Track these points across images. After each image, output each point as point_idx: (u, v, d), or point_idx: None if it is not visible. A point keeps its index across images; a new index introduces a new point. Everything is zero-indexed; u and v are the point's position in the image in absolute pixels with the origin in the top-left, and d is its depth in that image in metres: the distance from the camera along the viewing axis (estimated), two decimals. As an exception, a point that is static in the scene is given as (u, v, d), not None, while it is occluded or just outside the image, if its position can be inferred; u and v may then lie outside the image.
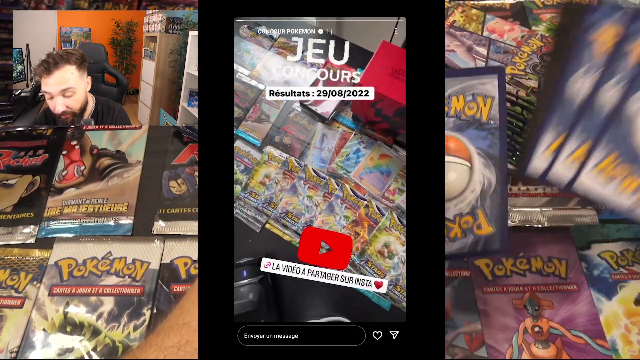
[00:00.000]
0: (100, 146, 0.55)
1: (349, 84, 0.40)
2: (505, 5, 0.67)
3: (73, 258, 0.47)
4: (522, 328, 0.42)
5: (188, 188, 0.51)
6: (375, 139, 0.42)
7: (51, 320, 0.44)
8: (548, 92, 0.37)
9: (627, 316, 0.43)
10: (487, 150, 0.37)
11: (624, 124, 0.36)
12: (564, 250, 0.46)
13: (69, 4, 0.62)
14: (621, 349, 0.41)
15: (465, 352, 0.41)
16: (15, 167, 0.54)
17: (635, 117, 0.36)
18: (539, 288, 0.44)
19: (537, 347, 0.41)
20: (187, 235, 0.49)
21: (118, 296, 0.45)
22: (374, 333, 0.32)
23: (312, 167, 0.42)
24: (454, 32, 0.51)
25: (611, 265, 0.46)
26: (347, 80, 0.40)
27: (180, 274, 0.46)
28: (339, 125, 0.44)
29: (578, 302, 0.44)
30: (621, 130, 0.36)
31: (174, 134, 0.56)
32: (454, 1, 0.57)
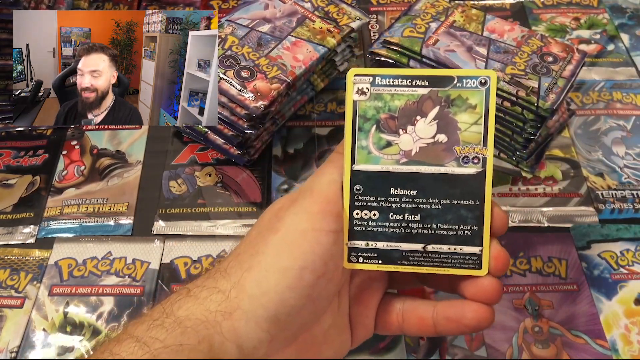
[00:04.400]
0: (100, 146, 0.55)
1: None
2: (505, 5, 0.67)
3: (73, 258, 0.47)
4: (522, 328, 0.42)
5: (188, 188, 0.51)
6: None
7: (51, 320, 0.44)
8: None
9: (627, 316, 0.43)
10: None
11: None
12: (564, 250, 0.46)
13: (69, 4, 0.62)
14: (621, 349, 0.41)
15: (465, 352, 0.41)
16: (15, 167, 0.54)
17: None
18: (539, 288, 0.44)
19: (537, 347, 0.41)
20: (187, 235, 0.49)
21: (118, 296, 0.45)
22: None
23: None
24: (454, 32, 0.51)
25: (611, 265, 0.46)
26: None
27: (180, 274, 0.46)
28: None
29: (578, 302, 0.44)
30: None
31: (174, 134, 0.56)
32: (454, 1, 0.57)
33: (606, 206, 0.49)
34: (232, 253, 0.31)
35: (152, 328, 0.27)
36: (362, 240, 0.31)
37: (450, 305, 0.32)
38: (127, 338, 0.27)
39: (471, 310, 0.31)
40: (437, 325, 0.32)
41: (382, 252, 0.31)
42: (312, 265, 0.28)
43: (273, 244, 0.29)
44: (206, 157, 0.53)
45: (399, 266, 0.31)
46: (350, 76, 0.31)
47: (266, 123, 0.49)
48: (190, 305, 0.28)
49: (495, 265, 0.30)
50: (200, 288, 0.29)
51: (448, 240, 0.31)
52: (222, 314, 0.27)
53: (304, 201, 0.30)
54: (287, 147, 0.54)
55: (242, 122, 0.46)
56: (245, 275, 0.28)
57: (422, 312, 0.32)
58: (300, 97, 0.54)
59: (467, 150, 0.30)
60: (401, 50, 0.51)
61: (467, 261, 0.31)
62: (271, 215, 0.31)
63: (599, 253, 0.46)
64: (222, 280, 0.29)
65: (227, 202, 0.50)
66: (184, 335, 0.26)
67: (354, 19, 0.53)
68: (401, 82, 0.30)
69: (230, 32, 0.50)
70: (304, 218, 0.29)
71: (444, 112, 0.30)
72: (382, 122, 0.31)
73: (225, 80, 0.46)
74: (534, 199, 0.50)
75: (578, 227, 0.48)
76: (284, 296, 0.27)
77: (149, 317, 0.28)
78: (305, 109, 0.56)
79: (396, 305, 0.33)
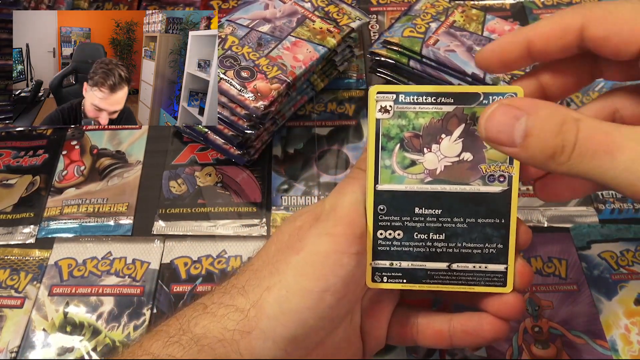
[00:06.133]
0: (100, 146, 0.55)
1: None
2: (505, 5, 0.67)
3: (73, 258, 0.47)
4: (522, 328, 0.42)
5: (188, 188, 0.51)
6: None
7: (51, 320, 0.44)
8: None
9: (627, 316, 0.43)
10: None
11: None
12: (564, 250, 0.46)
13: (69, 4, 0.62)
14: (621, 349, 0.41)
15: (465, 352, 0.41)
16: (15, 167, 0.54)
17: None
18: (539, 288, 0.44)
19: (537, 347, 0.41)
20: (187, 235, 0.49)
21: (118, 296, 0.45)
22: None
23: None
24: (454, 32, 0.51)
25: (611, 265, 0.46)
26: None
27: (180, 274, 0.46)
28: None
29: (578, 302, 0.44)
30: None
31: (174, 134, 0.56)
32: (454, 1, 0.57)
33: (606, 206, 0.49)
34: (248, 268, 0.30)
35: (168, 345, 0.27)
36: (386, 260, 0.31)
37: (468, 319, 0.32)
38: (142, 354, 0.27)
39: (488, 322, 0.31)
40: (454, 337, 0.32)
41: (407, 271, 0.31)
42: (334, 287, 0.28)
43: (294, 264, 0.28)
44: (206, 157, 0.53)
45: (423, 285, 0.31)
46: (372, 94, 0.30)
47: (266, 123, 0.49)
48: (207, 322, 0.28)
49: (521, 281, 0.31)
50: (217, 305, 0.29)
51: (473, 259, 0.30)
52: (240, 332, 0.27)
53: (327, 222, 0.29)
54: (287, 147, 0.54)
55: (242, 122, 0.46)
56: (265, 295, 0.28)
57: (438, 325, 0.32)
58: (300, 97, 0.54)
59: (492, 169, 0.30)
60: (401, 50, 0.51)
61: (492, 279, 0.31)
62: (292, 232, 0.30)
63: (599, 253, 0.46)
64: (240, 298, 0.28)
65: (227, 202, 0.50)
66: (200, 353, 0.26)
67: (354, 19, 0.53)
68: (425, 99, 0.30)
69: (230, 32, 0.50)
70: (327, 240, 0.29)
71: (470, 129, 0.30)
72: (406, 140, 0.30)
73: (225, 80, 0.46)
74: (534, 199, 0.50)
75: (578, 227, 0.48)
76: (303, 316, 0.27)
77: (165, 334, 0.28)
78: (305, 109, 0.56)
79: (410, 318, 0.33)
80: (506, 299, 0.31)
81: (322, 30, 0.51)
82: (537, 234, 0.47)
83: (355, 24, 0.53)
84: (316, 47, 0.50)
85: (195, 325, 0.28)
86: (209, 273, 0.46)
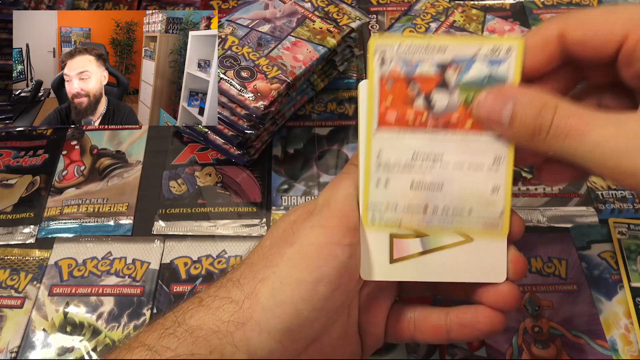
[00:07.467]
0: (100, 146, 0.55)
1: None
2: (505, 5, 0.67)
3: (73, 258, 0.47)
4: (522, 328, 0.42)
5: (188, 188, 0.51)
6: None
7: (51, 320, 0.44)
8: None
9: (627, 316, 0.43)
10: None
11: None
12: (564, 250, 0.46)
13: (69, 4, 0.62)
14: (621, 349, 0.41)
15: (465, 352, 0.41)
16: (15, 167, 0.54)
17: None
18: (539, 288, 0.44)
19: (537, 347, 0.41)
20: (187, 235, 0.49)
21: (118, 296, 0.45)
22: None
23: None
24: (454, 32, 0.51)
25: (611, 265, 0.46)
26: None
27: (180, 274, 0.46)
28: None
29: (578, 302, 0.44)
30: None
31: (174, 134, 0.56)
32: (454, 1, 0.57)
33: (606, 206, 0.49)
34: (244, 262, 0.31)
35: (163, 337, 0.27)
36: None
37: (464, 312, 0.32)
38: (138, 346, 0.27)
39: (484, 315, 0.31)
40: (451, 331, 0.32)
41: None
42: (328, 278, 0.28)
43: (288, 256, 0.29)
44: (206, 157, 0.53)
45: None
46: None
47: (266, 123, 0.49)
48: (202, 314, 0.28)
49: (515, 270, 0.31)
50: (212, 298, 0.29)
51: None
52: (234, 324, 0.27)
53: (321, 215, 0.30)
54: (287, 147, 0.54)
55: (242, 122, 0.46)
56: (259, 286, 0.28)
57: (435, 319, 0.32)
58: (300, 97, 0.54)
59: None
60: (401, 50, 0.51)
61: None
62: (286, 226, 0.31)
63: (599, 253, 0.46)
64: (235, 290, 0.29)
65: (227, 202, 0.50)
66: (195, 344, 0.26)
67: (354, 19, 0.53)
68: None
69: (230, 32, 0.50)
70: (320, 232, 0.29)
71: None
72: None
73: (225, 80, 0.46)
74: (533, 199, 0.50)
75: (578, 227, 0.48)
76: (298, 307, 0.28)
77: (161, 326, 0.28)
78: (305, 109, 0.56)
79: (407, 313, 0.33)
80: (501, 289, 0.31)
81: (322, 30, 0.51)
82: (537, 234, 0.48)
83: (355, 24, 0.53)
84: (316, 47, 0.50)
85: (191, 318, 0.28)
86: (209, 273, 0.46)
